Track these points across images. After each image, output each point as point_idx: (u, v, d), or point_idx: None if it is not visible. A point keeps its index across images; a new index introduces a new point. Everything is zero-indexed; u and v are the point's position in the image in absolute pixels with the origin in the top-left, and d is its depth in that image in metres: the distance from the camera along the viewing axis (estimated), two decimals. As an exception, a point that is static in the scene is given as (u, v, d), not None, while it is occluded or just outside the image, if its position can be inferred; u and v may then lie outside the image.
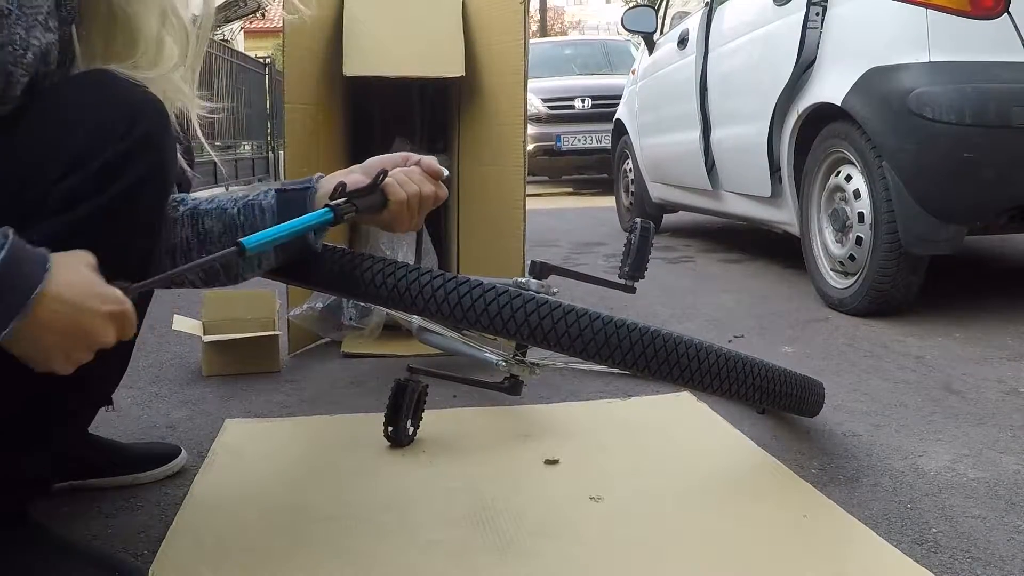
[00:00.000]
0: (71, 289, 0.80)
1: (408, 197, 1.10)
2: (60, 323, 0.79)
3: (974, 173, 2.26)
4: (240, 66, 10.34)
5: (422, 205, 1.13)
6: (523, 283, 1.62)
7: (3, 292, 0.76)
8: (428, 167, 1.15)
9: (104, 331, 0.82)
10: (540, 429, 1.63)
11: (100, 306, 0.82)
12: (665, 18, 4.90)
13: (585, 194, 8.64)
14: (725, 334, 2.38)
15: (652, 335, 1.16)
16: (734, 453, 1.50)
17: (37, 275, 0.78)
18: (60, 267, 0.80)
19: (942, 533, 1.17)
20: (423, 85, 2.46)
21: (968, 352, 2.13)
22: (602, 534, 1.18)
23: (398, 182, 1.10)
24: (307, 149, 2.17)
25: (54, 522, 1.17)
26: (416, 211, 1.13)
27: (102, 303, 0.82)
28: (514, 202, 2.19)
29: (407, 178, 1.12)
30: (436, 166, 1.16)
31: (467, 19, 2.27)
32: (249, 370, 2.02)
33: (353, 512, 1.26)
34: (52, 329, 0.79)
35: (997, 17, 2.26)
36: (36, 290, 0.78)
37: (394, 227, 1.14)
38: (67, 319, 0.80)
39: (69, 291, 0.80)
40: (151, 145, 0.92)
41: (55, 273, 0.79)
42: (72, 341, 0.81)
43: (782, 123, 2.96)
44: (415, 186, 1.11)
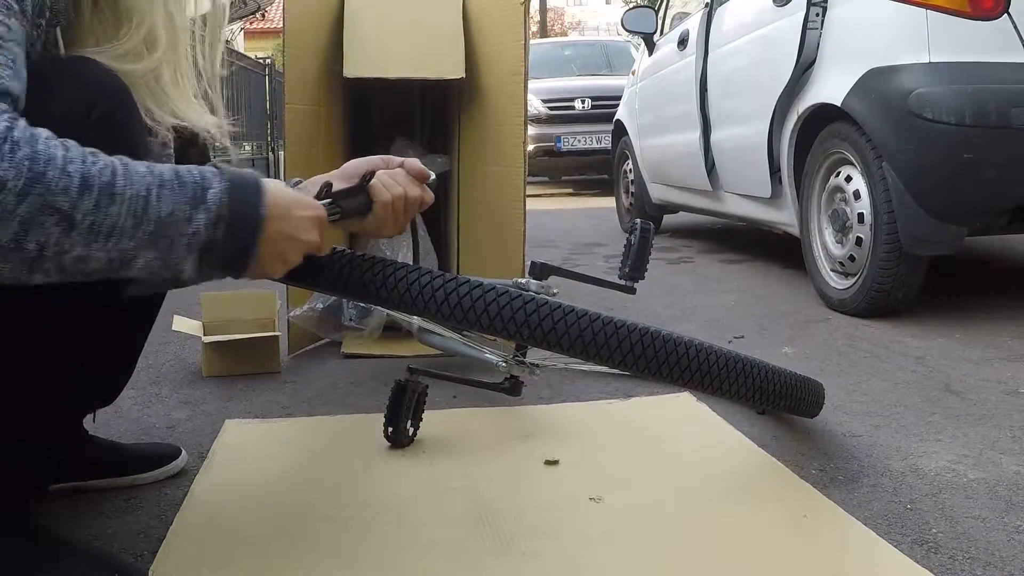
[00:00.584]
0: (282, 201, 0.91)
1: (393, 199, 1.10)
2: (281, 232, 0.90)
3: (974, 174, 2.26)
4: (240, 67, 10.34)
5: (407, 208, 1.13)
6: (523, 283, 1.62)
7: (242, 219, 0.86)
8: (412, 169, 1.15)
9: (312, 234, 0.95)
10: (540, 429, 1.63)
11: (307, 212, 0.94)
12: (665, 19, 4.90)
13: (585, 194, 8.65)
14: (725, 334, 2.38)
15: (652, 335, 1.16)
16: (734, 453, 1.50)
17: (259, 195, 0.88)
18: (268, 185, 0.90)
19: (942, 533, 1.17)
20: (424, 86, 2.46)
21: (968, 352, 2.13)
22: (602, 534, 1.18)
23: (383, 184, 1.10)
24: (307, 150, 2.17)
25: (54, 522, 1.17)
26: (401, 214, 1.13)
27: (308, 210, 0.95)
28: (514, 202, 2.19)
29: (392, 180, 1.11)
30: (421, 168, 1.15)
31: (467, 20, 2.27)
32: (249, 370, 2.02)
33: (353, 512, 1.26)
34: (276, 238, 0.90)
35: (997, 18, 2.26)
36: (263, 208, 0.88)
37: (379, 231, 1.13)
38: (281, 229, 0.90)
39: (282, 203, 0.91)
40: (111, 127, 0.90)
41: (268, 191, 0.89)
42: (289, 246, 0.92)
43: (782, 124, 2.96)
44: (400, 188, 1.11)
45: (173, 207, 0.82)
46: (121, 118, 0.92)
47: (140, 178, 0.80)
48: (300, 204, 0.94)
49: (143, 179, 0.81)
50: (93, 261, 0.79)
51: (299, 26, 2.16)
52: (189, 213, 0.83)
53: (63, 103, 0.87)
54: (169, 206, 0.82)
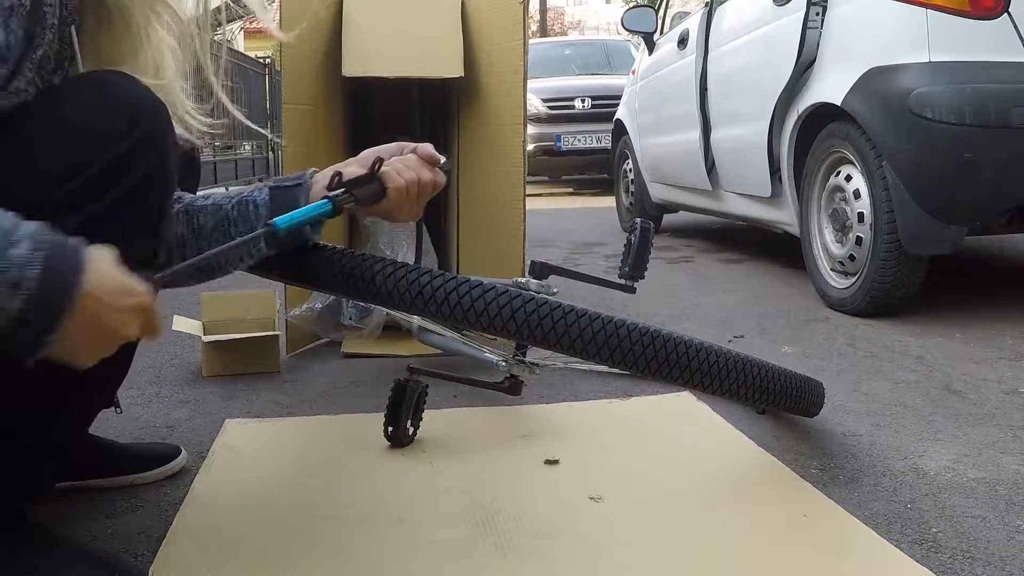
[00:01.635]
0: (100, 285, 0.78)
1: (407, 184, 1.10)
2: (89, 320, 0.78)
3: (974, 173, 2.26)
4: (240, 66, 10.33)
5: (421, 192, 1.13)
6: (523, 283, 1.62)
7: (48, 299, 0.75)
8: (424, 154, 1.15)
9: (130, 326, 0.81)
10: (540, 429, 1.63)
11: (126, 301, 0.80)
12: (665, 18, 4.90)
13: (585, 194, 8.65)
14: (725, 334, 2.38)
15: (652, 335, 1.16)
16: (734, 453, 1.50)
17: (76, 276, 0.77)
18: (91, 262, 0.78)
19: (942, 533, 1.17)
20: (423, 86, 2.46)
21: (968, 352, 2.13)
22: (602, 534, 1.18)
23: (395, 170, 1.11)
24: (305, 150, 2.17)
25: (54, 522, 1.17)
26: (415, 198, 1.13)
27: (130, 297, 0.81)
28: (514, 202, 2.19)
29: (404, 166, 1.12)
30: (432, 152, 1.16)
31: (467, 19, 2.27)
32: (249, 370, 2.02)
33: (353, 512, 1.26)
34: (81, 326, 0.78)
35: (997, 17, 2.26)
36: (76, 291, 0.76)
37: (394, 216, 1.14)
38: (97, 316, 0.78)
39: (100, 287, 0.78)
40: (153, 145, 0.92)
41: (88, 269, 0.78)
42: (99, 337, 0.80)
43: (782, 123, 2.96)
44: (413, 173, 1.11)
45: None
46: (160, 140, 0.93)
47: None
48: (125, 290, 0.81)
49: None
50: None
51: (295, 25, 2.15)
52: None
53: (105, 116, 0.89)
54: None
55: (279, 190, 1.12)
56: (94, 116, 0.88)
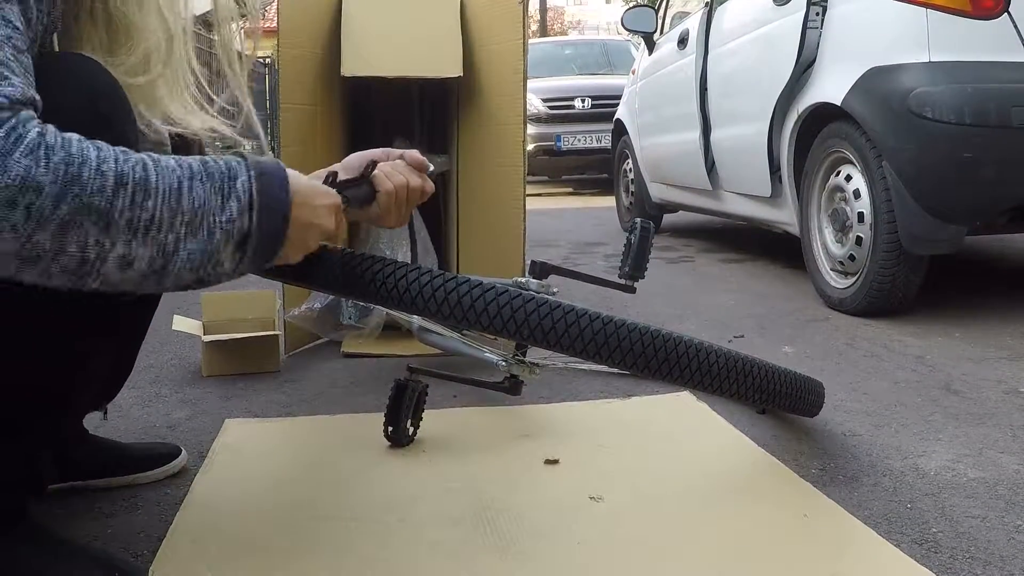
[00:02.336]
0: (303, 189, 0.93)
1: (396, 188, 1.12)
2: (303, 219, 0.92)
3: (974, 173, 2.26)
4: (240, 66, 10.32)
5: (409, 198, 1.14)
6: (523, 283, 1.62)
7: (271, 197, 0.88)
8: (413, 160, 1.16)
9: (330, 220, 0.97)
10: (540, 429, 1.63)
11: (323, 200, 0.96)
12: (665, 18, 4.90)
13: (585, 194, 8.65)
14: (725, 334, 2.38)
15: (652, 335, 1.16)
16: (734, 453, 1.50)
17: (286, 189, 0.90)
18: (291, 175, 0.91)
19: (942, 533, 1.17)
20: (423, 85, 2.46)
21: (968, 352, 2.13)
22: (602, 534, 1.18)
23: (385, 174, 1.12)
24: (303, 150, 2.17)
25: (54, 522, 1.17)
26: (404, 204, 1.14)
27: (326, 198, 0.97)
28: (514, 202, 2.19)
29: (394, 170, 1.13)
30: (420, 158, 1.17)
31: (466, 19, 2.27)
32: (249, 370, 2.02)
33: (353, 512, 1.26)
34: (297, 225, 0.91)
35: (997, 17, 2.26)
36: (289, 192, 0.89)
37: (382, 221, 1.15)
38: (303, 218, 0.92)
39: (303, 191, 0.93)
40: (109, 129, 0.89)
41: (289, 176, 0.91)
42: (310, 232, 0.94)
43: (782, 123, 2.96)
44: (402, 178, 1.13)
45: (204, 197, 0.83)
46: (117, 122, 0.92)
47: (171, 172, 0.82)
48: (319, 191, 0.97)
49: (173, 172, 0.82)
50: (137, 261, 0.79)
51: (294, 25, 2.16)
52: (221, 202, 0.85)
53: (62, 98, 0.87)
54: (201, 196, 0.83)
55: None
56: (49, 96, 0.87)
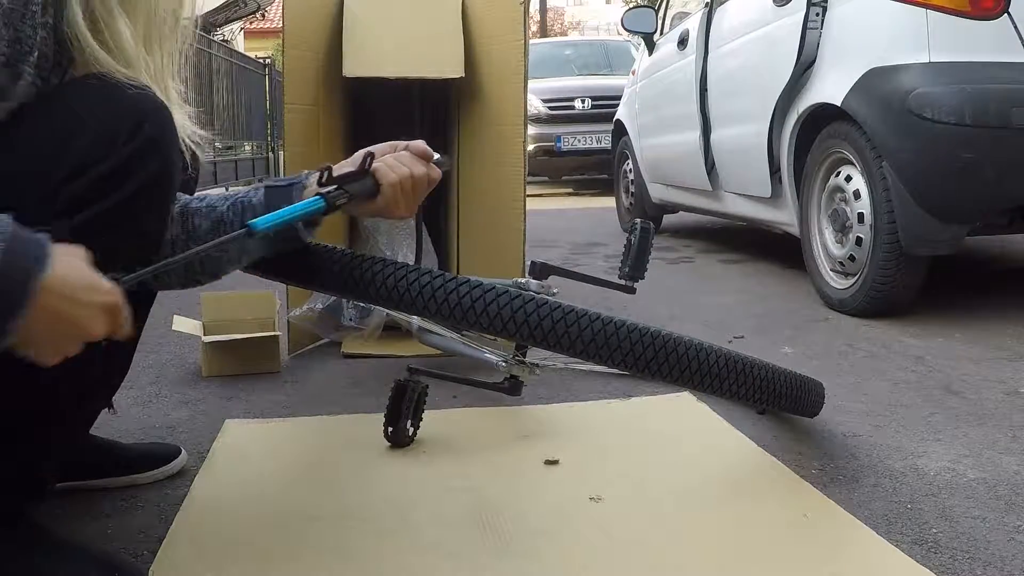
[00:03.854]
0: (65, 280, 0.77)
1: (399, 179, 1.10)
2: (52, 314, 0.77)
3: (974, 173, 2.26)
4: (240, 66, 10.34)
5: (415, 187, 1.13)
6: (523, 283, 1.62)
7: (7, 285, 0.74)
8: (417, 149, 1.15)
9: (95, 323, 0.80)
10: (540, 429, 1.63)
11: (92, 297, 0.79)
12: (665, 18, 4.90)
13: (585, 194, 8.64)
14: (725, 334, 2.38)
15: (652, 335, 1.16)
16: (734, 453, 1.50)
17: (39, 265, 0.75)
18: (57, 257, 0.77)
19: (942, 533, 1.17)
20: (424, 86, 2.46)
21: (968, 352, 2.13)
22: (602, 534, 1.18)
23: (387, 165, 1.10)
24: (306, 150, 2.17)
25: (54, 522, 1.17)
26: (410, 194, 1.12)
27: (94, 294, 0.79)
28: (514, 202, 2.19)
29: (396, 161, 1.11)
30: (425, 147, 1.15)
31: (467, 20, 2.27)
32: (249, 370, 2.02)
33: (353, 512, 1.26)
34: (44, 320, 0.76)
35: (997, 17, 2.26)
36: (38, 281, 0.75)
37: (390, 212, 1.13)
38: (59, 311, 0.77)
39: (62, 282, 0.77)
40: (156, 149, 0.92)
41: (53, 263, 0.76)
42: (62, 333, 0.79)
43: (782, 123, 2.96)
44: (405, 168, 1.11)
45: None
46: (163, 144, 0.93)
47: None
48: (94, 287, 0.80)
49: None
50: None
51: (298, 26, 2.16)
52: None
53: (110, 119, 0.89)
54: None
55: (274, 190, 1.12)
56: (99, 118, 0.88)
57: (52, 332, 0.78)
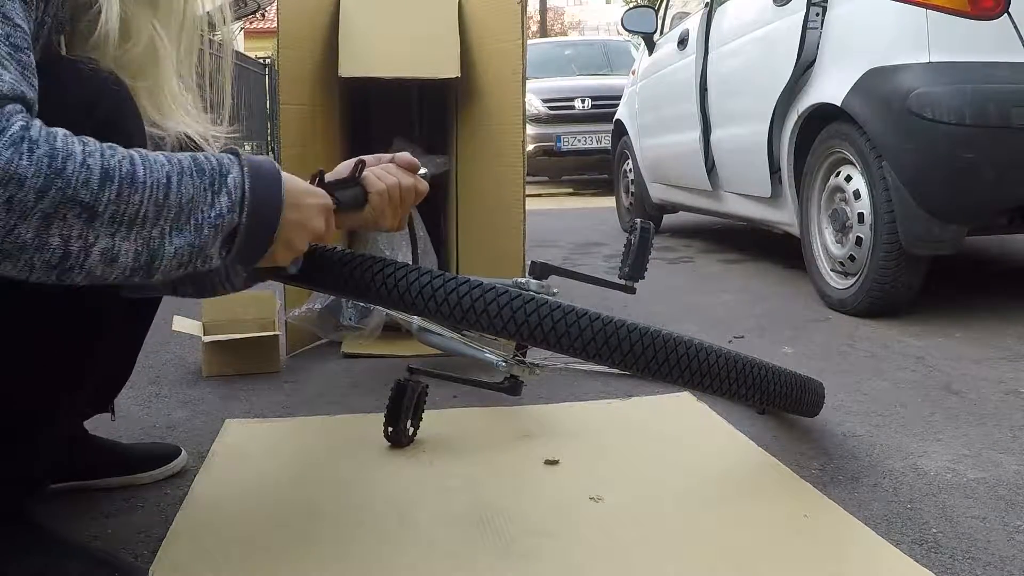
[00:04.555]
0: (295, 189, 0.94)
1: (388, 188, 1.11)
2: (294, 219, 0.93)
3: (974, 173, 2.26)
4: (240, 66, 10.35)
5: (403, 198, 1.13)
6: (523, 283, 1.62)
7: (263, 204, 0.88)
8: (402, 161, 1.16)
9: (320, 222, 0.97)
10: (540, 429, 1.63)
11: (317, 201, 0.97)
12: (665, 18, 4.90)
13: (585, 194, 8.65)
14: (725, 334, 2.38)
15: (652, 335, 1.16)
16: (734, 453, 1.50)
17: (277, 181, 0.91)
18: (283, 174, 0.92)
19: (942, 533, 1.17)
20: (422, 85, 2.46)
21: (968, 352, 2.13)
22: (602, 534, 1.18)
23: (376, 175, 1.11)
24: (303, 150, 2.17)
25: (54, 522, 1.17)
26: (398, 204, 1.13)
27: (318, 199, 0.98)
28: (514, 202, 2.19)
29: (384, 172, 1.13)
30: (410, 159, 1.16)
31: (465, 20, 2.27)
32: (249, 370, 2.02)
33: (353, 512, 1.26)
34: (288, 224, 0.92)
35: (997, 17, 2.26)
36: (282, 194, 0.90)
37: (378, 223, 1.14)
38: (298, 215, 0.93)
39: (295, 191, 0.93)
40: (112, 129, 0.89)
41: (282, 175, 0.92)
42: (301, 233, 0.95)
43: (782, 123, 2.96)
44: (393, 178, 1.12)
45: (193, 192, 0.83)
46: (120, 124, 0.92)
47: (159, 166, 0.82)
48: (310, 192, 0.97)
49: (163, 167, 0.82)
50: (121, 255, 0.79)
51: (293, 26, 2.16)
52: (211, 198, 0.85)
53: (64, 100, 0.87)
54: (189, 191, 0.83)
55: None
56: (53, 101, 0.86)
57: (291, 234, 0.93)
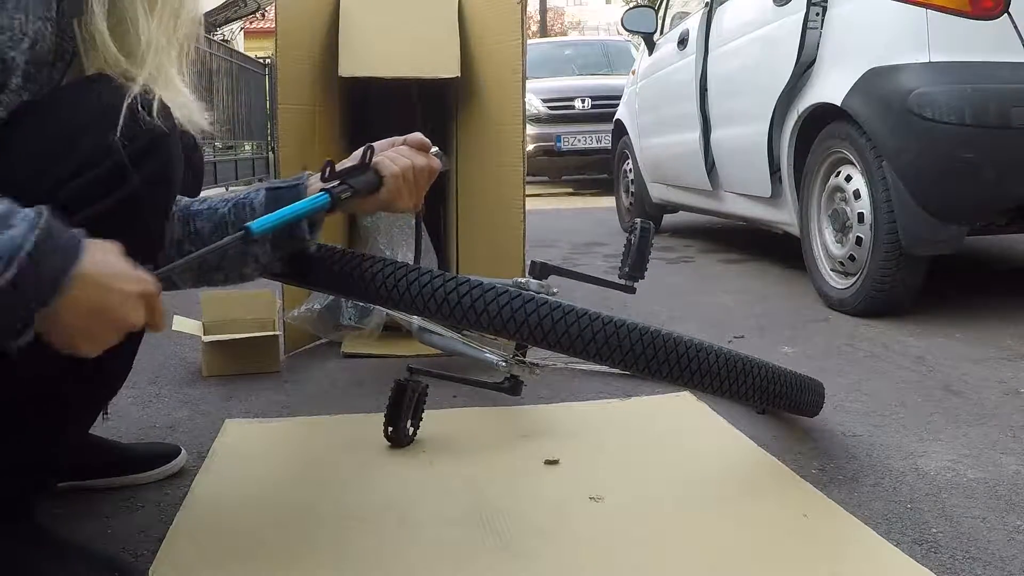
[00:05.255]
0: (102, 270, 0.78)
1: (401, 170, 1.11)
2: (91, 304, 0.78)
3: (974, 173, 2.26)
4: (240, 66, 10.35)
5: (417, 178, 1.13)
6: (523, 283, 1.62)
7: (40, 272, 0.74)
8: (414, 141, 1.15)
9: (134, 312, 0.81)
10: (540, 429, 1.63)
11: (131, 287, 0.80)
12: (665, 18, 4.90)
13: (585, 194, 8.65)
14: (725, 334, 2.38)
15: (652, 335, 1.16)
16: (734, 453, 1.50)
17: (72, 255, 0.77)
18: (91, 248, 0.78)
19: (942, 533, 1.17)
20: (422, 85, 2.46)
21: (968, 352, 2.13)
22: (602, 534, 1.18)
23: (388, 158, 1.11)
24: (301, 151, 2.17)
25: (54, 522, 1.17)
26: (413, 184, 1.13)
27: (133, 284, 0.81)
28: (514, 202, 2.19)
29: (396, 154, 1.12)
30: (422, 139, 1.16)
31: (465, 20, 2.27)
32: (249, 370, 2.02)
33: (353, 512, 1.26)
34: (82, 310, 0.78)
35: (997, 17, 2.26)
36: (72, 270, 0.76)
37: (395, 204, 1.13)
38: (98, 300, 0.78)
39: (100, 272, 0.78)
40: (158, 148, 0.92)
41: (87, 253, 0.78)
42: (102, 323, 0.80)
43: (782, 123, 2.96)
44: (406, 160, 1.12)
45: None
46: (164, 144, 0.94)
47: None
48: (128, 277, 0.81)
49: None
50: None
51: (292, 26, 2.15)
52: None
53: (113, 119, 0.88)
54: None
55: (276, 191, 1.12)
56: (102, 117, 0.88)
57: (90, 321, 0.79)
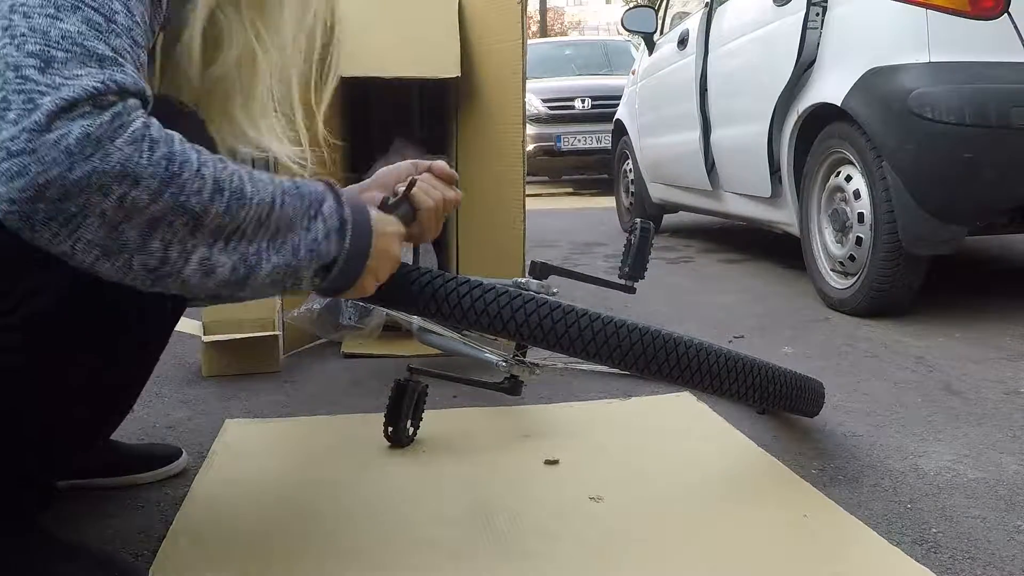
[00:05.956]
0: (378, 217, 0.97)
1: (436, 205, 1.11)
2: (381, 246, 0.96)
3: (974, 173, 2.26)
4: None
5: (446, 211, 1.14)
6: (523, 283, 1.62)
7: (358, 231, 0.91)
8: (443, 173, 1.16)
9: (399, 249, 1.00)
10: (540, 429, 1.63)
11: (396, 229, 1.01)
12: (665, 18, 4.90)
13: (585, 194, 8.65)
14: (725, 334, 2.38)
15: (652, 335, 1.16)
16: (734, 453, 1.50)
17: (366, 214, 0.94)
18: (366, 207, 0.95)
19: (942, 533, 1.17)
20: (422, 85, 2.46)
21: (968, 352, 2.13)
22: (602, 534, 1.18)
23: (424, 191, 1.11)
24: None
25: (54, 522, 1.17)
26: (440, 218, 1.13)
27: (395, 226, 1.01)
28: (514, 202, 2.19)
29: (430, 186, 1.12)
30: (450, 171, 1.16)
31: (465, 19, 2.27)
32: (249, 370, 2.02)
33: (353, 512, 1.26)
34: (377, 253, 0.95)
35: (997, 17, 2.26)
36: (373, 224, 0.94)
37: (422, 237, 1.13)
38: (383, 242, 0.96)
39: (378, 219, 0.97)
40: None
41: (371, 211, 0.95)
42: (384, 260, 0.97)
43: (782, 123, 2.96)
44: (439, 193, 1.12)
45: (293, 214, 0.85)
46: None
47: (264, 185, 0.83)
48: (389, 220, 1.00)
49: (267, 187, 0.83)
50: (219, 268, 0.79)
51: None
52: (307, 222, 0.87)
53: None
54: (289, 213, 0.85)
55: None
56: None
57: (377, 264, 0.96)
